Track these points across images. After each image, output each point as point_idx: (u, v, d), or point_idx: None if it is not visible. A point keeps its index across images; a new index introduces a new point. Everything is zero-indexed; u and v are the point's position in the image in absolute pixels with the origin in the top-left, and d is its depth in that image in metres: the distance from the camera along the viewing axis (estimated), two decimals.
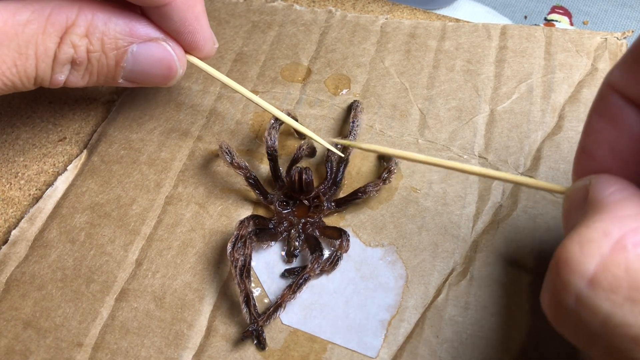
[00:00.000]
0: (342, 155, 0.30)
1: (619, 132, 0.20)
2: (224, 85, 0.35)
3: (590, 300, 0.16)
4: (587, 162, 0.21)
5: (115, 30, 0.26)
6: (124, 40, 0.26)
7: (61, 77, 0.27)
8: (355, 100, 0.33)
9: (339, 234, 0.28)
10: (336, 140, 0.29)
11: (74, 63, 0.26)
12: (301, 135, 0.32)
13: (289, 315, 0.27)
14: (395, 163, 0.30)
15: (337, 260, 0.27)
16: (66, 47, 0.26)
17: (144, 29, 0.27)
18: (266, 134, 0.30)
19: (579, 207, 0.19)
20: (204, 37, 0.28)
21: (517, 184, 0.26)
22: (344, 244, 0.27)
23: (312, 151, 0.31)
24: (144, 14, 0.27)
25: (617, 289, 0.15)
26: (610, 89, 0.20)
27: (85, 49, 0.26)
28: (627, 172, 0.19)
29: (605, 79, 0.20)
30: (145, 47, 0.27)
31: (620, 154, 0.20)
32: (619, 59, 0.20)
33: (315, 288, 0.27)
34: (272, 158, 0.30)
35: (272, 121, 0.30)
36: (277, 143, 0.30)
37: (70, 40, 0.25)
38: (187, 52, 0.29)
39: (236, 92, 0.30)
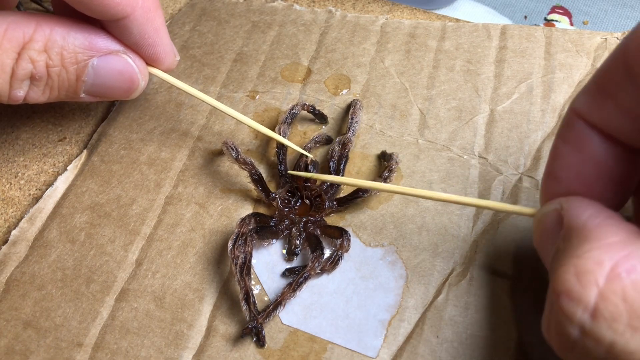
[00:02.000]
0: (311, 157, 0.30)
1: (585, 158, 0.20)
2: (224, 85, 0.35)
3: (594, 331, 0.16)
4: (554, 186, 0.21)
5: (75, 45, 0.26)
6: (84, 54, 0.26)
7: (20, 93, 0.27)
8: (354, 99, 0.33)
9: (340, 233, 0.28)
10: (292, 172, 0.30)
11: (33, 78, 0.26)
12: (322, 120, 0.33)
13: (289, 315, 0.27)
14: (396, 162, 0.30)
15: (338, 260, 0.27)
16: (24, 62, 0.26)
17: (104, 42, 0.27)
18: (276, 128, 0.31)
19: (553, 231, 0.20)
20: (164, 50, 0.28)
21: (487, 209, 0.27)
22: (344, 243, 0.27)
23: (327, 141, 0.32)
24: (103, 27, 0.27)
25: (618, 318, 0.16)
26: (575, 115, 0.20)
27: (44, 64, 0.26)
28: (592, 195, 0.20)
29: (570, 105, 0.21)
30: (105, 60, 0.27)
31: (586, 179, 0.20)
32: (584, 86, 0.21)
33: (315, 288, 0.27)
34: (282, 152, 0.30)
35: (286, 115, 0.31)
36: (287, 137, 0.31)
37: (28, 56, 0.25)
38: (148, 64, 0.29)
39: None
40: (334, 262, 0.27)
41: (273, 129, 0.33)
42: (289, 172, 0.30)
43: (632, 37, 0.18)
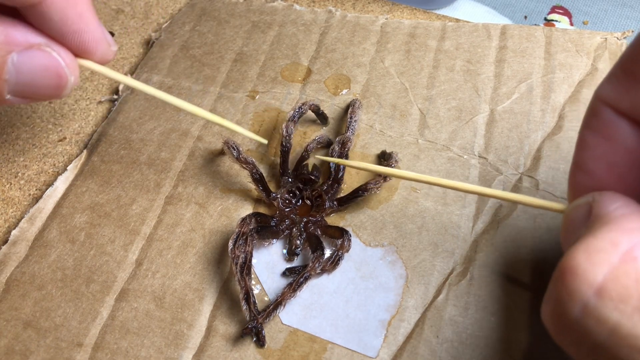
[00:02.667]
0: (265, 142, 0.30)
1: (614, 147, 0.20)
2: (224, 85, 0.35)
3: (597, 310, 0.16)
4: (583, 179, 0.20)
5: None
6: (1, 50, 0.23)
7: None
8: (354, 99, 0.33)
9: (341, 233, 0.28)
10: (321, 157, 0.30)
11: None
12: (323, 121, 0.33)
13: (289, 315, 0.27)
14: (395, 160, 0.30)
15: (339, 260, 0.27)
16: None
17: (22, 35, 0.24)
18: (283, 125, 0.31)
19: (580, 224, 0.19)
20: (94, 38, 0.25)
21: (515, 203, 0.26)
22: (345, 243, 0.27)
23: (328, 143, 0.32)
24: (23, 18, 0.24)
25: (627, 299, 0.15)
26: (601, 103, 0.20)
27: None
28: (624, 187, 0.19)
29: (595, 93, 0.20)
30: (26, 55, 0.24)
31: (617, 169, 0.20)
32: (608, 72, 0.20)
33: (315, 288, 0.27)
34: (285, 150, 0.30)
35: (293, 113, 0.31)
36: (292, 134, 0.31)
37: None
38: (78, 56, 0.25)
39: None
40: (335, 262, 0.27)
41: (273, 129, 0.33)
42: (317, 156, 0.30)
43: None
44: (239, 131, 0.28)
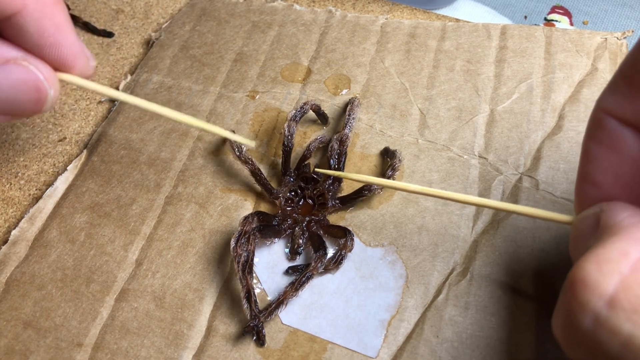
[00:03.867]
0: (252, 145, 0.29)
1: (620, 158, 0.19)
2: (224, 85, 0.35)
3: (609, 322, 0.15)
4: (590, 190, 0.20)
5: None
6: None
7: None
8: (352, 97, 0.33)
9: (344, 232, 0.28)
10: (321, 170, 0.29)
11: None
12: (324, 121, 0.33)
13: (289, 315, 0.27)
14: (399, 160, 0.30)
15: (342, 259, 0.27)
16: None
17: None
18: (285, 125, 0.30)
19: (589, 235, 0.19)
20: (72, 52, 0.24)
21: (523, 215, 0.25)
22: (348, 243, 0.27)
23: (328, 143, 0.32)
24: None
25: None
26: (604, 114, 0.19)
27: None
28: (632, 197, 0.19)
29: (597, 104, 0.20)
30: (3, 70, 0.23)
31: (623, 179, 0.19)
32: (609, 82, 0.20)
33: (315, 288, 0.27)
34: (287, 150, 0.30)
35: (294, 112, 0.31)
36: (294, 134, 0.31)
37: None
38: (57, 69, 0.24)
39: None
40: (338, 261, 0.27)
41: (272, 129, 0.33)
42: (317, 169, 0.30)
43: None
44: (229, 136, 0.28)
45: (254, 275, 0.28)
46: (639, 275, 0.15)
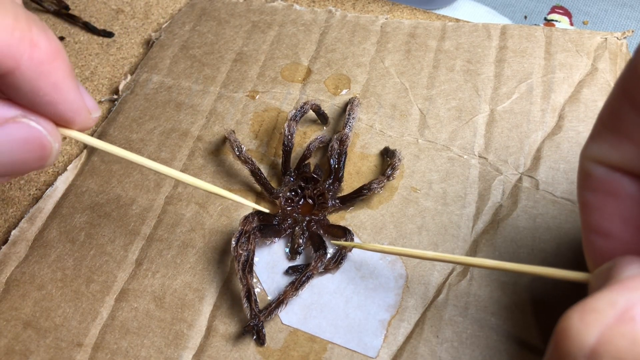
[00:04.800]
0: (267, 211, 0.29)
1: (621, 201, 0.19)
2: (224, 85, 0.35)
3: None
4: (600, 242, 0.19)
5: None
6: None
7: None
8: (352, 97, 0.33)
9: (344, 232, 0.28)
10: (337, 242, 0.28)
11: None
12: (324, 121, 0.33)
13: (289, 315, 0.27)
14: (399, 159, 0.30)
15: (342, 259, 0.27)
16: None
17: None
18: (286, 124, 0.30)
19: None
20: (71, 108, 0.22)
21: (535, 275, 0.23)
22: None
23: (329, 143, 0.32)
24: None
25: None
26: (591, 163, 0.19)
27: None
28: None
29: (582, 155, 0.20)
30: (3, 131, 0.21)
31: (632, 222, 0.19)
32: (591, 132, 0.19)
33: (315, 288, 0.27)
34: (287, 149, 0.30)
35: (294, 112, 0.31)
36: (295, 134, 0.31)
37: None
38: (57, 124, 0.23)
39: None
40: (338, 261, 0.27)
41: (272, 129, 0.33)
42: (333, 241, 0.28)
43: (629, 68, 0.17)
44: (227, 196, 0.27)
45: (254, 275, 0.28)
46: (623, 326, 0.14)
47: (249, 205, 0.29)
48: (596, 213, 0.19)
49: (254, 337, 0.26)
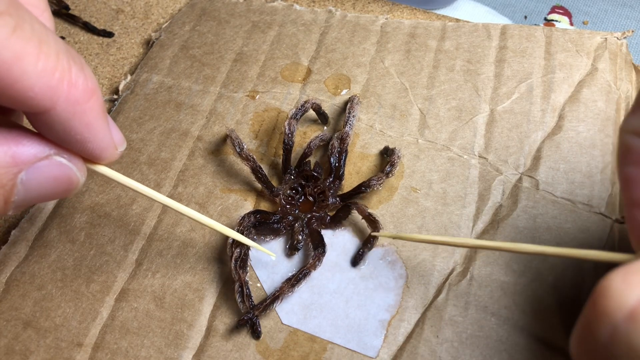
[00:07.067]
0: (273, 257, 0.28)
1: None
2: (224, 85, 0.35)
3: (627, 337, 0.14)
4: None
5: None
6: (8, 173, 0.21)
7: None
8: (352, 95, 0.33)
9: (375, 223, 0.28)
10: (376, 234, 0.28)
11: None
12: (324, 120, 0.33)
13: (289, 315, 0.27)
14: (398, 156, 0.30)
15: (362, 257, 0.28)
16: None
17: (30, 150, 0.21)
18: (286, 123, 0.30)
19: None
20: (100, 146, 0.23)
21: (582, 259, 0.21)
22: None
23: (329, 141, 0.32)
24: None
25: None
26: (632, 136, 0.19)
27: None
28: None
29: (622, 128, 0.19)
30: (36, 170, 0.21)
31: None
32: (632, 106, 0.19)
33: (315, 288, 0.27)
34: (287, 148, 0.30)
35: (294, 111, 0.31)
36: (295, 132, 0.30)
37: None
38: (85, 160, 0.23)
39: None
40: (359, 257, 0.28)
41: (273, 129, 0.33)
42: (373, 234, 0.28)
43: None
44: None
45: (254, 274, 0.28)
46: None
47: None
48: (639, 186, 0.19)
49: (249, 330, 0.26)
